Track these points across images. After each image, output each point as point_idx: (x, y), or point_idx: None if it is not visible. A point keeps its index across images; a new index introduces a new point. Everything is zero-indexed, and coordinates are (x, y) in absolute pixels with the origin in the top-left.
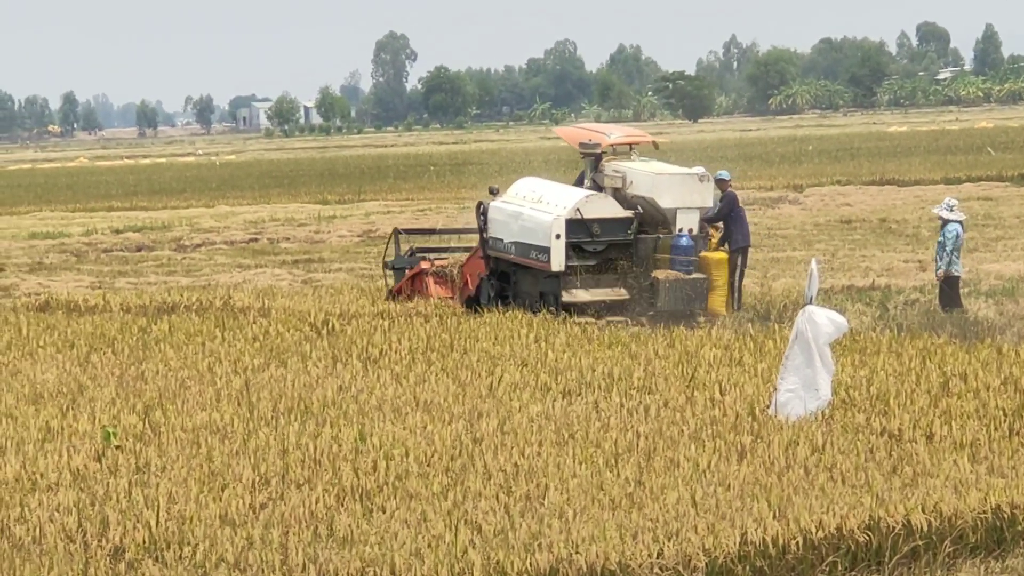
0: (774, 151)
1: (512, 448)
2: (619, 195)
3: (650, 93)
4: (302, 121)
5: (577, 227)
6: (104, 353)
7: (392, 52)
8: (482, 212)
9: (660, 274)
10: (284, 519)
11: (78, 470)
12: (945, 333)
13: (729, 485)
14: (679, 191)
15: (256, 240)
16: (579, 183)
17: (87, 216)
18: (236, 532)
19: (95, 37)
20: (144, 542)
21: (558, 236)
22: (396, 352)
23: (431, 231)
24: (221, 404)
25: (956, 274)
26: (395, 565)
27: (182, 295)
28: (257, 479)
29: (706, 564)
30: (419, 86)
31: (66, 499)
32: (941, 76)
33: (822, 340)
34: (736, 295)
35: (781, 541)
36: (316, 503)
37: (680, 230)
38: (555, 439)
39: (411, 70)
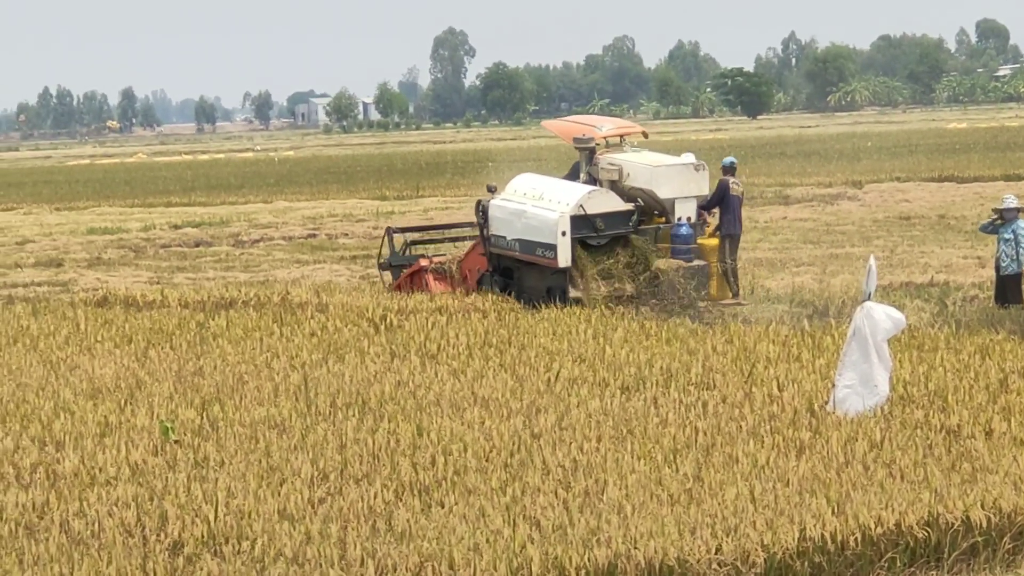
0: (833, 147)
1: (570, 444)
2: (616, 187)
3: (709, 90)
4: (360, 117)
5: (581, 223)
6: (162, 348)
7: (451, 48)
8: (482, 210)
9: (663, 264)
10: (342, 514)
11: (136, 465)
12: (1004, 330)
13: (788, 481)
14: (677, 181)
15: (314, 236)
16: (573, 176)
17: (145, 212)
18: (294, 527)
19: (154, 33)
20: (202, 536)
21: (564, 233)
22: (453, 347)
23: (424, 228)
24: (279, 399)
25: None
26: (453, 560)
27: (240, 291)
28: (315, 474)
29: (764, 560)
30: (477, 82)
31: (125, 493)
32: (1000, 73)
33: (880, 336)
34: (732, 281)
35: (840, 537)
36: (374, 498)
37: (679, 219)
38: (613, 435)
39: (469, 66)
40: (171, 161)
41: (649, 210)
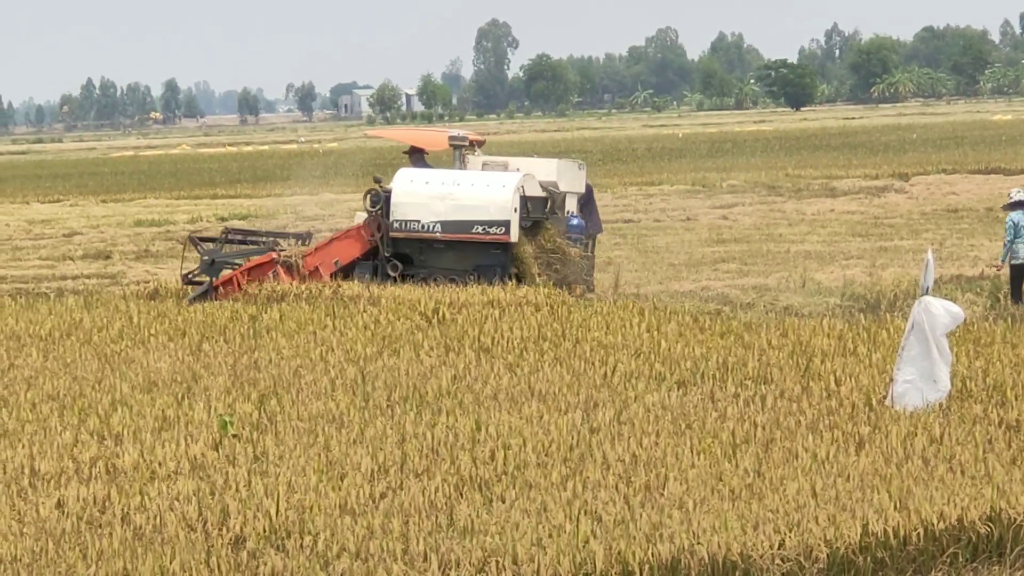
0: (878, 139)
1: (629, 438)
2: None
3: (752, 81)
4: (403, 109)
5: (520, 204)
6: (216, 342)
7: (494, 40)
8: (382, 198)
9: (572, 250)
10: (404, 508)
11: (196, 459)
12: None
13: (848, 476)
14: (568, 177)
15: None
16: None
17: (192, 204)
18: (356, 521)
19: (197, 24)
20: (264, 531)
21: (516, 210)
22: (508, 341)
23: (214, 239)
24: (336, 393)
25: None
26: (517, 555)
27: (291, 284)
28: (376, 468)
29: (827, 555)
30: (520, 74)
31: (185, 488)
32: None
33: (939, 331)
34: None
35: (902, 532)
36: (435, 492)
37: (568, 212)
38: (672, 429)
39: (513, 58)
40: (215, 153)
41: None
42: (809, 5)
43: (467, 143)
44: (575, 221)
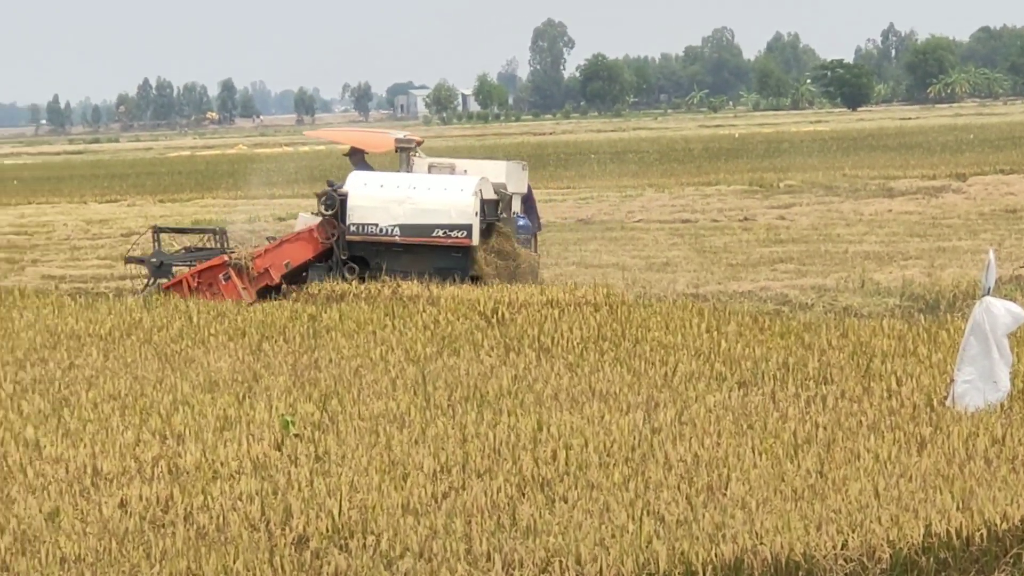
0: (935, 140)
1: (691, 438)
2: None
3: (808, 81)
4: (460, 108)
5: (479, 207)
6: (276, 341)
7: (550, 40)
8: (337, 201)
9: (521, 250)
10: (466, 508)
11: (258, 458)
12: None
13: (910, 476)
14: (515, 178)
15: None
16: None
17: (249, 203)
18: (419, 521)
19: (253, 24)
20: (327, 531)
21: (477, 213)
22: (568, 341)
23: (189, 230)
24: (397, 393)
25: None
26: (580, 555)
27: (349, 283)
28: (438, 468)
29: (890, 556)
30: (576, 74)
31: (248, 487)
32: None
33: (1000, 331)
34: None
35: (965, 533)
36: (497, 492)
37: (515, 213)
38: (733, 429)
39: (569, 58)
40: (272, 152)
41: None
42: (865, 5)
43: (413, 145)
44: (522, 222)
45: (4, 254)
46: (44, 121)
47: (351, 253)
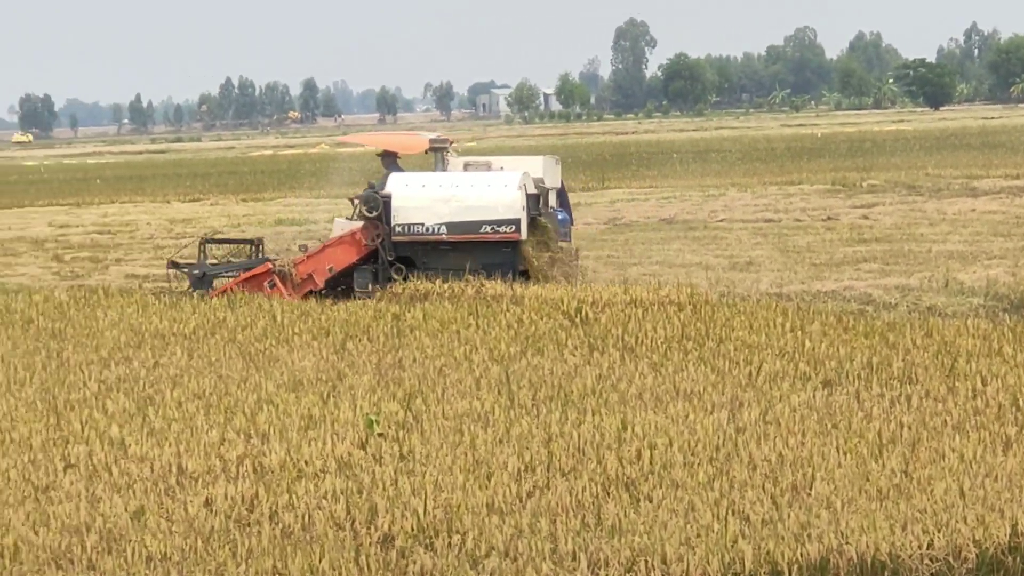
0: (1018, 139)
1: (775, 438)
2: None
3: (891, 80)
4: (541, 108)
5: (525, 201)
6: (360, 340)
7: (632, 39)
8: (380, 203)
9: (562, 243)
10: (551, 508)
11: (343, 457)
12: None
13: (996, 476)
14: (551, 173)
15: None
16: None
17: (332, 203)
18: (504, 520)
19: (335, 24)
20: (413, 530)
21: (523, 207)
22: (652, 341)
23: (234, 240)
24: (481, 392)
25: None
26: (666, 555)
27: (432, 282)
28: (522, 467)
29: (976, 556)
30: (659, 73)
31: (333, 486)
32: None
33: None
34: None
35: None
36: (582, 492)
37: (551, 207)
38: (818, 429)
39: (651, 57)
40: (354, 152)
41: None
42: (948, 4)
43: (448, 145)
44: (561, 215)
45: (88, 253)
46: (127, 120)
47: (397, 254)
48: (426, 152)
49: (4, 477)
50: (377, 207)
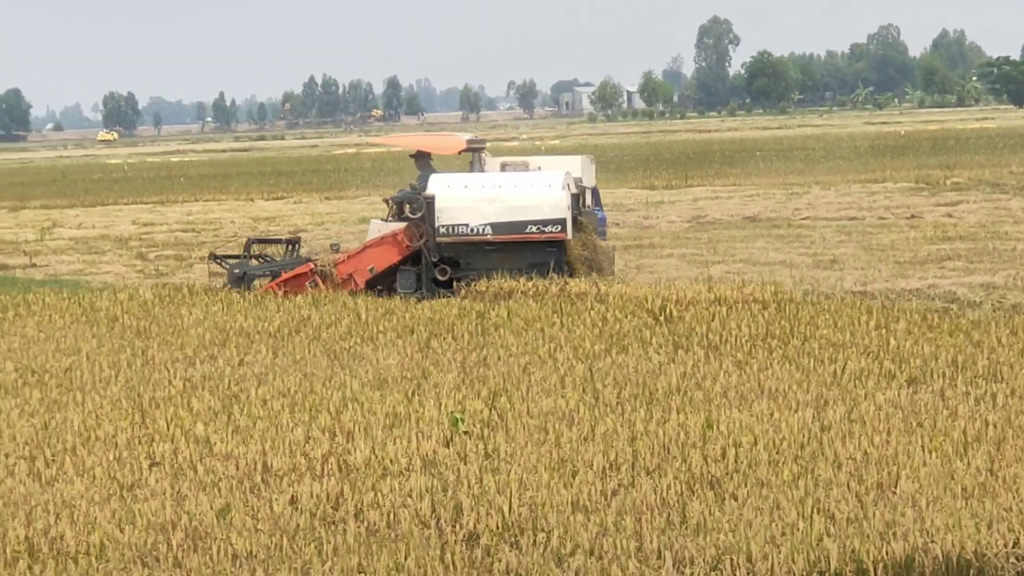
0: None
1: (860, 436)
2: None
3: (974, 78)
4: (625, 106)
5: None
6: (444, 339)
7: (715, 37)
8: (423, 204)
9: (601, 243)
10: (636, 506)
11: (428, 455)
12: None
13: None
14: (588, 172)
15: None
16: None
17: None
18: (589, 519)
19: (419, 22)
20: (498, 528)
21: (569, 207)
22: (736, 339)
23: (276, 240)
24: (565, 390)
25: None
26: (751, 553)
27: (517, 280)
28: (607, 466)
29: None
30: (742, 71)
31: (418, 484)
32: None
33: None
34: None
35: None
36: (667, 490)
37: (588, 205)
38: (903, 427)
39: (734, 55)
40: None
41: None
42: None
43: (484, 146)
44: (601, 214)
45: (172, 251)
46: (210, 119)
47: (440, 254)
48: (459, 153)
49: (90, 475)
50: (421, 208)
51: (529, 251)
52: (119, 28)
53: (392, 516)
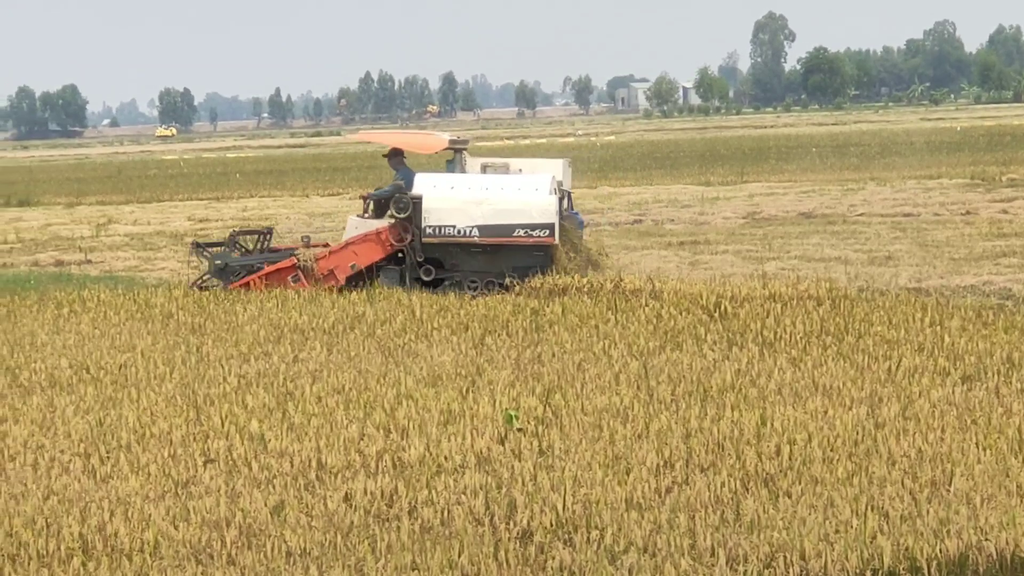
0: None
1: (915, 433)
2: None
3: None
4: (680, 102)
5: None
6: (498, 335)
7: (771, 32)
8: (409, 203)
9: (583, 243)
10: (690, 503)
11: (482, 452)
12: None
13: None
14: (567, 176)
15: (640, 221)
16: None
17: None
18: (643, 516)
19: (475, 18)
20: (551, 525)
21: (557, 212)
22: (790, 336)
23: (252, 232)
24: (620, 387)
25: None
26: (804, 550)
27: (572, 277)
28: (661, 463)
29: None
30: (797, 67)
31: (472, 482)
32: None
33: None
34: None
35: None
36: (721, 487)
37: (567, 209)
38: (957, 425)
39: (789, 51)
40: (493, 146)
41: None
42: None
43: (467, 145)
44: (579, 216)
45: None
46: (266, 114)
47: (425, 255)
48: (434, 153)
49: (145, 472)
50: (407, 208)
51: (516, 254)
52: (175, 24)
53: (446, 513)
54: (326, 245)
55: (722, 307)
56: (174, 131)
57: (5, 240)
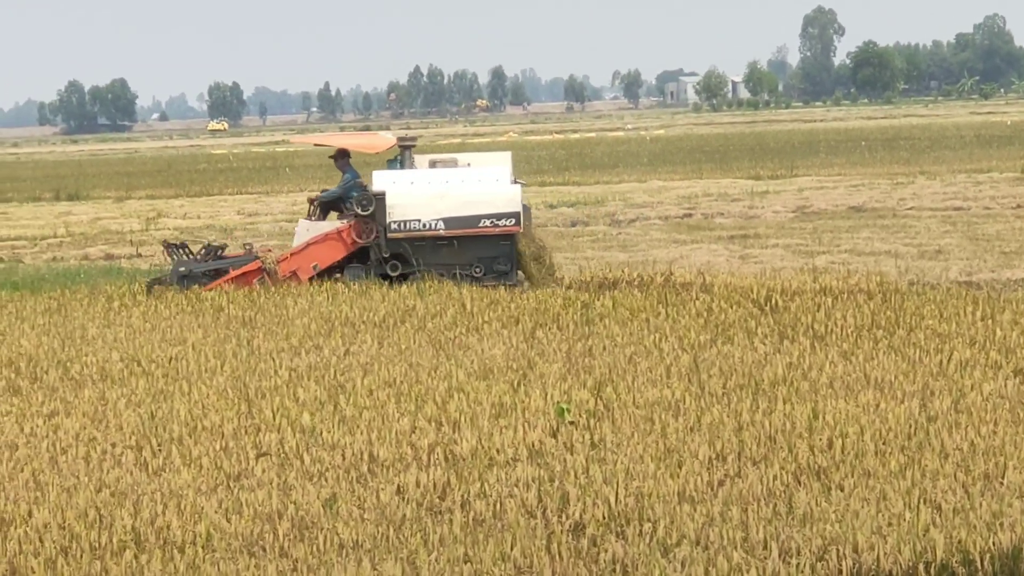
0: None
1: (967, 427)
2: None
3: None
4: (729, 96)
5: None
6: (549, 329)
7: (820, 26)
8: (372, 200)
9: (538, 233)
10: (742, 496)
11: (534, 445)
12: None
13: None
14: (516, 169)
15: (690, 215)
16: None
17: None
18: (695, 509)
19: (524, 12)
20: (604, 518)
21: (521, 200)
22: (841, 329)
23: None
24: (671, 380)
25: None
26: (857, 543)
27: (622, 271)
28: (713, 456)
29: None
30: (847, 61)
31: (524, 474)
32: None
33: None
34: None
35: None
36: (773, 480)
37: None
38: (1010, 418)
39: (839, 45)
40: (542, 140)
41: None
42: None
43: (415, 143)
44: (529, 210)
45: (276, 242)
46: (315, 108)
47: (389, 251)
48: (381, 152)
49: (197, 465)
50: (370, 205)
51: (481, 246)
52: (224, 18)
53: (498, 506)
54: (269, 250)
55: (773, 301)
56: (226, 125)
57: (55, 234)
